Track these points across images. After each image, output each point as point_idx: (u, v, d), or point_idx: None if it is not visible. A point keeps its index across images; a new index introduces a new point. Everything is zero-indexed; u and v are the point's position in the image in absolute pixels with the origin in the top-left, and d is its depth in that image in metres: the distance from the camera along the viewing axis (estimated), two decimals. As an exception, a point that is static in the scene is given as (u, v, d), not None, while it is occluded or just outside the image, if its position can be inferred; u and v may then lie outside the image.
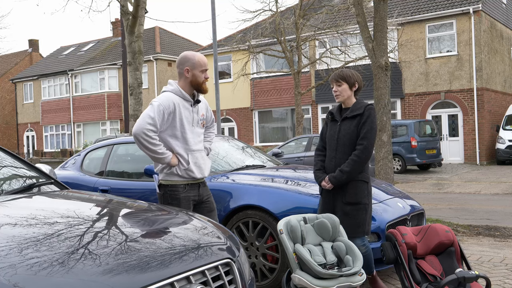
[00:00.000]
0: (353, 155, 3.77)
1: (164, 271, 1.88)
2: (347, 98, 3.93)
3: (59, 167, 6.16)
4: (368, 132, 3.78)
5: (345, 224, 3.77)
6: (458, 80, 20.06)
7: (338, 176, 3.79)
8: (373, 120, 3.81)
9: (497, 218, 7.88)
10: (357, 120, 3.84)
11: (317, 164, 4.04)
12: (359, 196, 3.82)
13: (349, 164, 3.76)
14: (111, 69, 30.47)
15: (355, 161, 3.76)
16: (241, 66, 20.14)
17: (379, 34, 7.60)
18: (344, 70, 3.96)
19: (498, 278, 4.54)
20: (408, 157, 16.96)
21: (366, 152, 3.77)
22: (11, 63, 40.71)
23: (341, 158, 3.85)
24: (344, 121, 3.91)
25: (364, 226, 3.82)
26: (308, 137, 15.67)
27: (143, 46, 9.60)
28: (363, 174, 3.84)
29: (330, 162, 3.93)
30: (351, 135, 3.84)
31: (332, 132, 3.95)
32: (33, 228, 2.06)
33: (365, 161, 3.79)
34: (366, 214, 3.83)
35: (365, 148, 3.76)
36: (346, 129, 3.87)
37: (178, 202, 3.56)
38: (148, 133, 3.41)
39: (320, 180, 3.93)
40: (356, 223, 3.79)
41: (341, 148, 3.87)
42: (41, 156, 31.64)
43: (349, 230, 3.77)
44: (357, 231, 3.80)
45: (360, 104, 3.90)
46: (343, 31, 18.41)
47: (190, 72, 3.56)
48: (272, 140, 24.66)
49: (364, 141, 3.78)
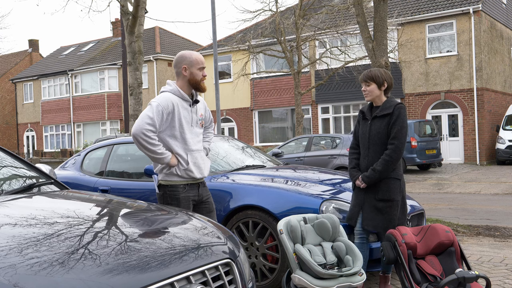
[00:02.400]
0: (385, 155, 3.84)
1: (164, 271, 1.88)
2: (376, 97, 3.99)
3: (59, 167, 6.16)
4: (399, 132, 3.84)
5: (378, 220, 3.86)
6: (458, 80, 20.06)
7: (371, 175, 3.87)
8: (403, 119, 3.87)
9: (497, 218, 7.88)
10: (387, 119, 3.90)
11: (352, 162, 4.12)
12: (392, 193, 3.89)
13: (381, 164, 3.83)
14: (111, 69, 30.47)
15: (387, 161, 3.82)
16: (241, 66, 20.14)
17: (379, 34, 7.60)
18: (373, 70, 4.01)
19: (498, 278, 4.53)
20: (408, 157, 16.95)
21: (397, 151, 3.83)
22: (11, 63, 40.71)
23: (374, 157, 3.92)
24: (374, 120, 3.96)
25: (395, 222, 3.90)
26: (308, 137, 15.66)
27: (143, 46, 9.60)
28: (396, 172, 3.91)
29: (363, 161, 4.01)
30: (381, 134, 3.90)
31: (364, 131, 4.02)
32: (33, 228, 2.06)
33: (396, 160, 3.85)
34: (397, 211, 3.92)
35: (397, 147, 3.83)
36: (376, 128, 3.93)
37: (177, 202, 3.55)
38: (147, 133, 3.41)
39: (355, 179, 4.01)
40: (388, 218, 3.88)
41: (372, 147, 3.94)
42: (41, 156, 31.63)
43: (381, 225, 3.86)
44: (389, 226, 3.87)
45: (390, 103, 3.95)
46: (343, 31, 18.41)
47: (187, 70, 3.55)
48: (272, 140, 24.65)
49: (395, 140, 3.84)
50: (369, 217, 3.89)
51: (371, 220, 3.88)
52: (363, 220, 3.93)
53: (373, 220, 3.86)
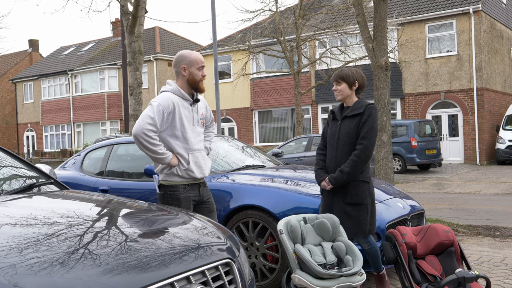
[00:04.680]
0: (353, 155, 3.75)
1: (164, 271, 1.88)
2: (347, 97, 3.91)
3: (59, 167, 6.16)
4: (369, 132, 3.76)
5: (346, 225, 3.76)
6: (458, 80, 20.06)
7: (338, 177, 3.77)
8: (373, 120, 3.79)
9: (497, 218, 7.88)
10: (357, 120, 3.82)
11: (318, 163, 4.02)
12: (360, 196, 3.80)
13: (349, 165, 3.74)
14: (111, 69, 30.47)
15: (355, 161, 3.73)
16: (241, 66, 20.14)
17: (379, 34, 7.60)
18: (344, 70, 3.95)
19: (498, 278, 4.53)
20: (408, 157, 16.96)
21: (366, 152, 3.74)
22: (11, 63, 40.71)
23: (342, 157, 3.83)
24: (344, 120, 3.89)
25: (365, 226, 3.80)
26: (308, 137, 15.66)
27: (143, 46, 9.60)
28: (364, 174, 3.82)
29: (330, 162, 3.91)
30: (351, 134, 3.82)
31: (333, 131, 3.94)
32: (33, 228, 2.06)
33: (365, 161, 3.77)
34: (367, 214, 3.81)
35: (365, 147, 3.74)
36: (346, 128, 3.85)
37: (178, 202, 3.55)
38: (148, 133, 3.41)
39: (321, 180, 3.92)
40: (357, 223, 3.78)
41: (341, 148, 3.85)
42: (41, 156, 31.63)
43: (350, 230, 3.76)
44: (359, 231, 3.78)
45: (361, 103, 3.88)
46: (343, 31, 18.41)
47: (187, 70, 3.55)
48: (272, 140, 24.65)
49: (364, 140, 3.75)
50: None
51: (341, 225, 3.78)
52: None
53: (342, 224, 3.73)
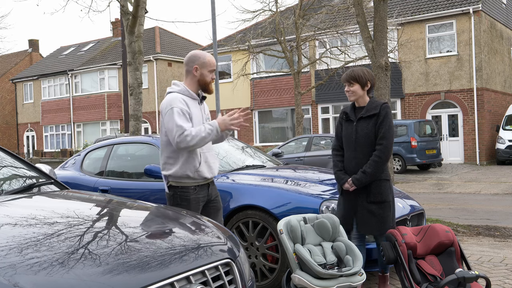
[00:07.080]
0: (374, 156, 3.77)
1: (164, 271, 1.88)
2: (360, 98, 3.91)
3: (59, 167, 6.16)
4: (387, 131, 3.79)
5: (372, 223, 3.81)
6: (458, 80, 20.06)
7: (362, 178, 3.79)
8: (390, 119, 3.82)
9: (497, 218, 7.89)
10: (374, 120, 3.82)
11: (337, 164, 3.99)
12: (384, 194, 3.84)
13: (371, 165, 3.76)
14: (111, 69, 30.47)
15: (376, 162, 3.76)
16: (241, 66, 20.14)
17: (379, 34, 7.60)
18: (355, 70, 3.93)
19: (498, 278, 4.54)
20: (408, 157, 16.96)
21: (386, 152, 3.79)
22: (11, 63, 40.71)
23: (362, 158, 3.84)
24: (360, 121, 3.88)
25: (390, 223, 3.87)
26: (308, 137, 15.65)
27: (143, 46, 9.60)
28: (385, 173, 3.87)
29: (350, 163, 3.91)
30: (369, 135, 3.83)
31: (349, 132, 3.92)
32: (33, 228, 2.06)
33: (386, 160, 3.80)
34: (390, 211, 3.88)
35: (385, 147, 3.78)
36: (363, 129, 3.85)
37: (188, 203, 3.51)
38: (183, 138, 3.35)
39: (343, 182, 3.90)
40: (382, 220, 3.83)
41: (360, 149, 3.85)
42: (41, 156, 31.64)
43: (376, 228, 3.83)
44: (384, 228, 3.84)
45: (375, 103, 3.88)
46: (343, 31, 18.41)
47: (198, 70, 3.53)
48: (272, 140, 24.65)
49: (383, 140, 3.78)
50: (364, 221, 3.84)
51: (366, 224, 3.83)
52: (358, 225, 3.88)
53: (368, 223, 3.81)
